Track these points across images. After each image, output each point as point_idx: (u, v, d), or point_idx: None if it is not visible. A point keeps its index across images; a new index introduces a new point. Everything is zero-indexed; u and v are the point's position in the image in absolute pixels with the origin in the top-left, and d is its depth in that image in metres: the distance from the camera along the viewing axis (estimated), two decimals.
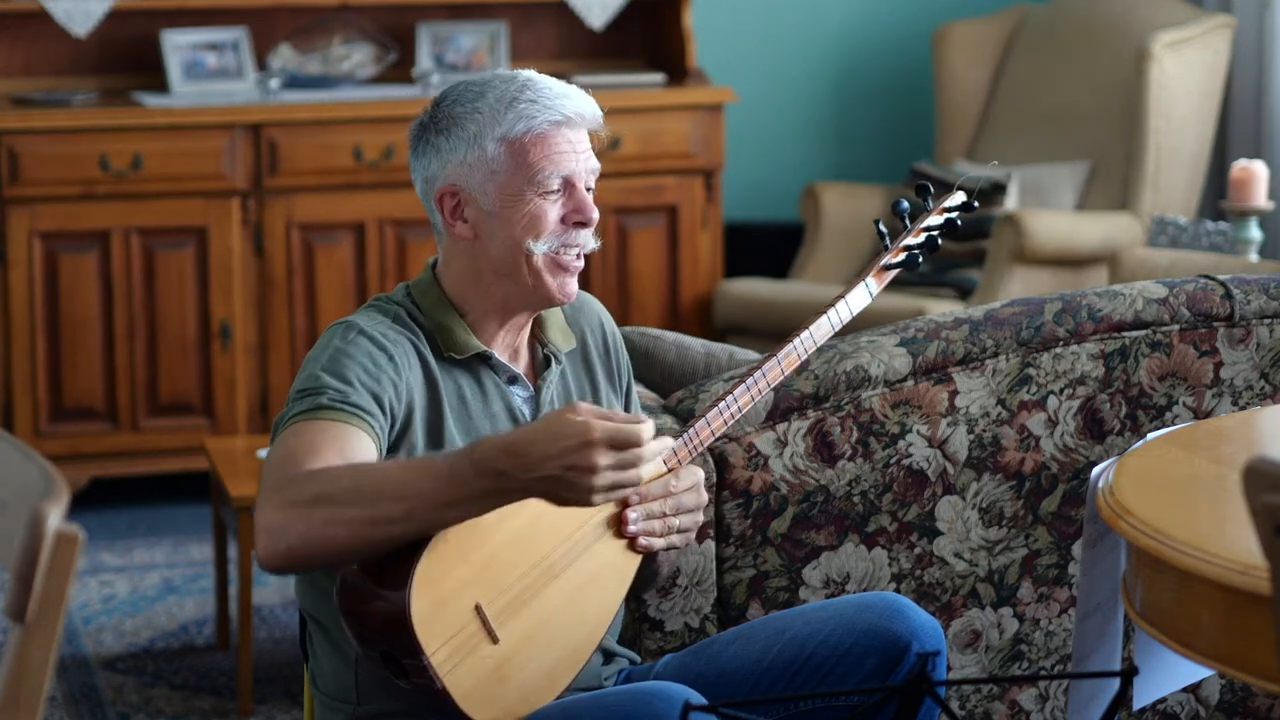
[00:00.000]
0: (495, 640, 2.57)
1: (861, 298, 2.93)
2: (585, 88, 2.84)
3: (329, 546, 2.51)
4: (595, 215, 2.78)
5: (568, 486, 2.49)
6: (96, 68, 6.17)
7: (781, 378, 2.85)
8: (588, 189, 2.79)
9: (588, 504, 2.51)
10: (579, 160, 2.76)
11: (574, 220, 2.76)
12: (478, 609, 2.56)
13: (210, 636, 4.87)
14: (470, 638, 2.55)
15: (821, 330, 2.88)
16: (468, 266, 2.79)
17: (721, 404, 2.79)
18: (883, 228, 2.99)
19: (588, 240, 2.79)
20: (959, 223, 3.05)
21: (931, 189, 3.05)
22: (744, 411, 2.83)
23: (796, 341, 2.85)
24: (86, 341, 5.78)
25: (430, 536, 2.53)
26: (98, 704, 4.48)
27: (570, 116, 2.75)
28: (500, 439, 2.52)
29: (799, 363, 2.87)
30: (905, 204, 2.99)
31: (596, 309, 2.96)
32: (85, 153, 5.74)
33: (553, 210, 2.75)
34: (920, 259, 2.99)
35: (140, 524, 5.76)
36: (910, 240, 2.99)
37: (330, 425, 2.60)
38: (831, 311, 2.89)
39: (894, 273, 2.98)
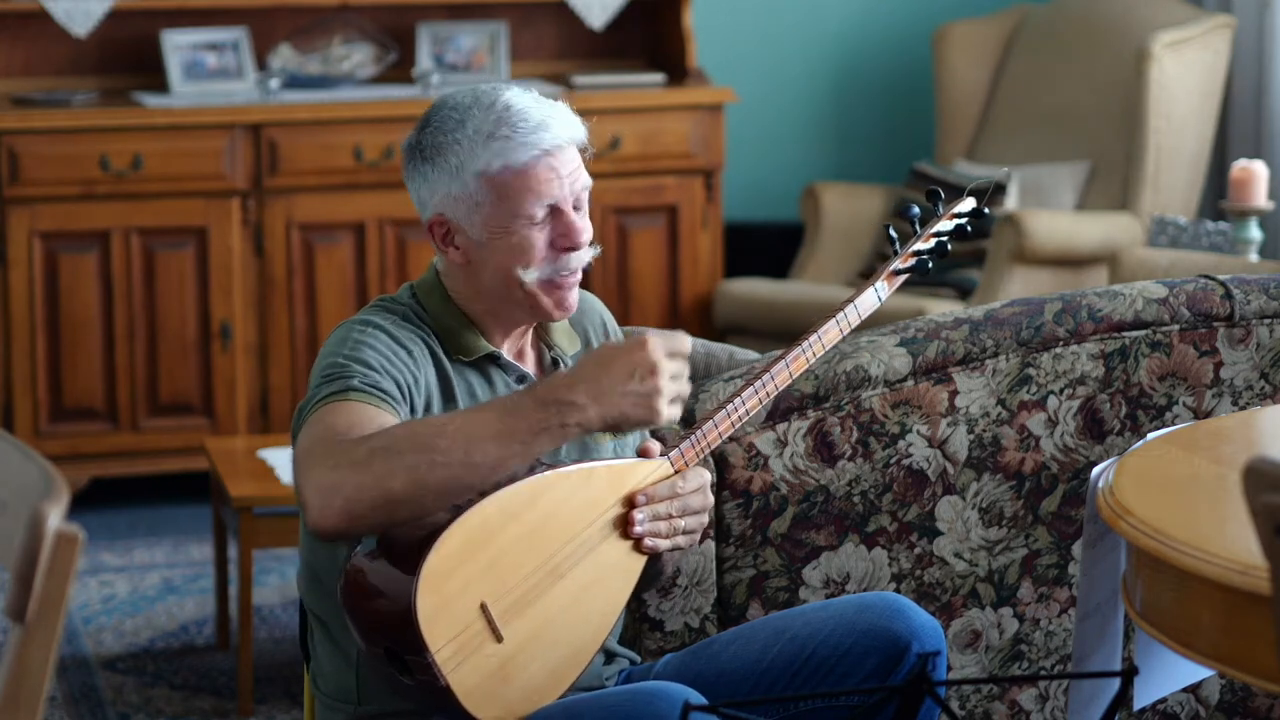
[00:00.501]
0: (500, 639, 2.57)
1: (870, 301, 2.92)
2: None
3: (386, 497, 2.49)
4: (585, 238, 2.75)
5: (636, 400, 2.55)
6: (96, 68, 6.17)
7: (789, 381, 2.85)
8: (576, 207, 2.76)
9: (657, 417, 2.56)
10: (564, 185, 2.73)
11: (562, 246, 2.75)
12: (483, 607, 2.56)
13: (210, 636, 4.87)
14: (475, 636, 2.55)
15: (830, 334, 2.87)
16: (466, 283, 2.79)
17: (729, 406, 2.79)
18: (893, 232, 2.98)
19: (581, 260, 2.77)
20: (969, 229, 3.04)
21: (942, 194, 3.03)
22: (750, 415, 2.83)
23: (804, 345, 2.85)
24: (86, 341, 5.78)
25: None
26: (98, 704, 4.48)
27: (549, 149, 2.72)
28: (559, 375, 2.58)
29: (806, 366, 2.87)
30: (915, 209, 2.98)
31: (598, 308, 2.96)
32: (85, 153, 5.74)
33: (540, 237, 2.74)
34: (930, 265, 2.98)
35: (140, 524, 5.76)
36: (920, 245, 2.98)
37: (364, 406, 2.60)
38: (840, 315, 2.88)
39: (904, 277, 2.97)
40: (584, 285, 2.85)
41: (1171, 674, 2.85)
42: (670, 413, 2.58)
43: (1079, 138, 6.32)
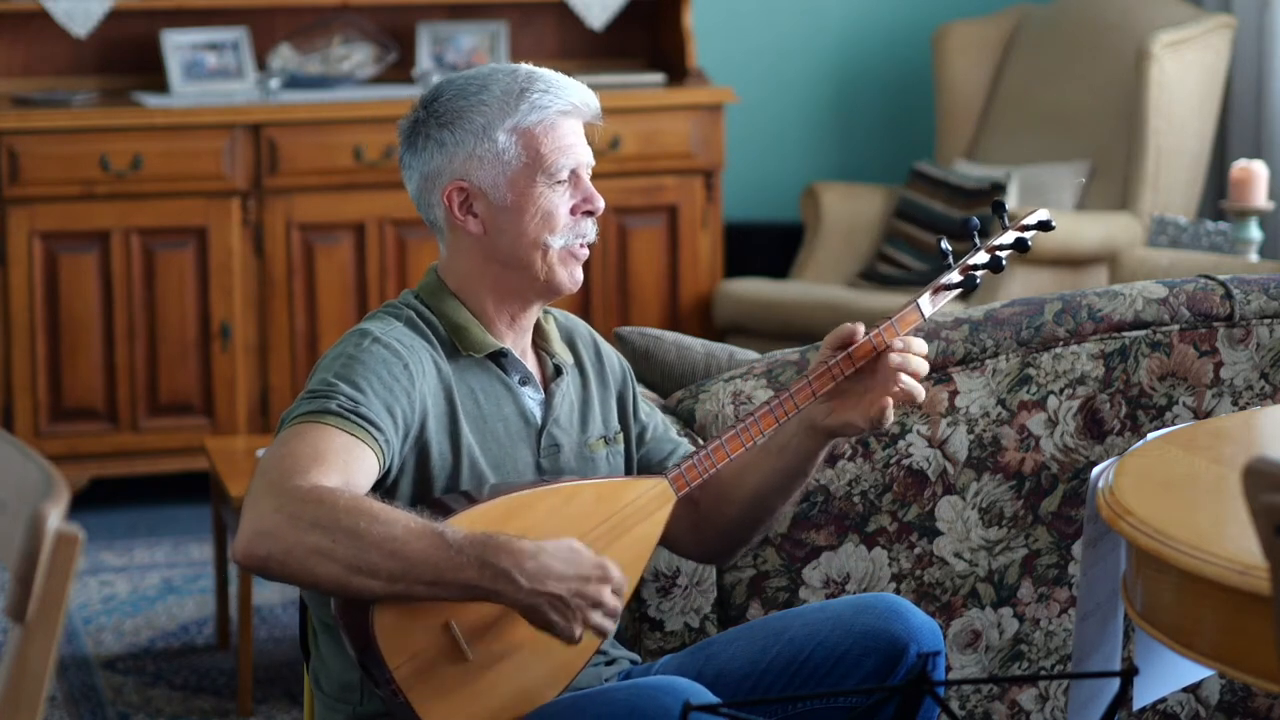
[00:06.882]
0: (465, 658, 2.56)
1: (912, 317, 2.82)
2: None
3: (304, 575, 2.50)
4: (602, 204, 2.80)
5: (566, 611, 2.52)
6: (96, 68, 6.17)
7: (811, 399, 2.77)
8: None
9: (570, 636, 2.54)
10: (583, 151, 2.79)
11: (583, 210, 2.78)
12: (447, 626, 2.55)
13: (210, 636, 4.87)
14: (438, 655, 2.54)
15: (862, 350, 2.76)
16: (475, 262, 2.79)
17: (742, 424, 2.74)
18: (946, 245, 2.86)
19: (593, 229, 2.80)
20: (1028, 244, 2.95)
21: (1006, 206, 2.91)
22: (767, 433, 2.77)
23: (832, 360, 2.77)
24: (86, 341, 5.78)
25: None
26: (98, 704, 4.48)
27: (578, 106, 2.78)
28: (519, 542, 2.52)
29: (832, 384, 2.77)
30: (976, 220, 2.89)
31: (587, 328, 2.96)
32: (85, 153, 5.74)
33: (563, 202, 2.76)
34: (978, 281, 2.87)
35: (140, 524, 5.76)
36: (975, 259, 2.88)
37: (336, 434, 2.58)
38: (875, 331, 2.79)
39: (952, 293, 2.87)
40: (584, 283, 2.85)
41: (1171, 674, 2.84)
42: (579, 639, 2.55)
43: (1079, 138, 6.32)
